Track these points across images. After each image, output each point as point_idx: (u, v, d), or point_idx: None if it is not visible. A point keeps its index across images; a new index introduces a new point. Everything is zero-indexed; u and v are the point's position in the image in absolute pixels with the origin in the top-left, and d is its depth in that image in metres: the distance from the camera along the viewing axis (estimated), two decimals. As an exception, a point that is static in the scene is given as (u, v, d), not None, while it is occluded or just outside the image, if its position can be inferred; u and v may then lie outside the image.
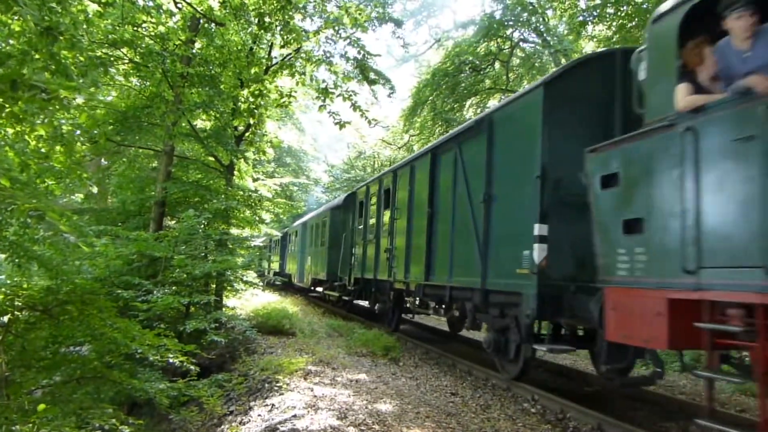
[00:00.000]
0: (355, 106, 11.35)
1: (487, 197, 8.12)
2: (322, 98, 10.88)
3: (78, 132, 9.19)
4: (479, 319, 9.13)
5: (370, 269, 14.01)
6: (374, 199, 14.55)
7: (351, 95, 11.38)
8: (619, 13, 15.65)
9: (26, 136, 5.64)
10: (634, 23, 15.00)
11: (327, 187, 45.67)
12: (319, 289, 22.77)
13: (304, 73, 11.26)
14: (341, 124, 11.21)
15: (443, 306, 10.42)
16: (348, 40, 11.74)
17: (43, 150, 6.19)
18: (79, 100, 5.66)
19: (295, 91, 12.57)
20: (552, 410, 6.82)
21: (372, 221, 14.58)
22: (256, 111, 12.99)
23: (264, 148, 15.06)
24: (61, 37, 4.75)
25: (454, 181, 9.33)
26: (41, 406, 5.14)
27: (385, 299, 13.84)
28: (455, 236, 9.18)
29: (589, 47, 20.19)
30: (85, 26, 7.02)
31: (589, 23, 17.12)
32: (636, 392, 7.84)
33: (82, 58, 5.79)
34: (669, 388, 8.67)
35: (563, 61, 18.52)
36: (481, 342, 9.50)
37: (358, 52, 12.09)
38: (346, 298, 17.79)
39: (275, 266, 37.41)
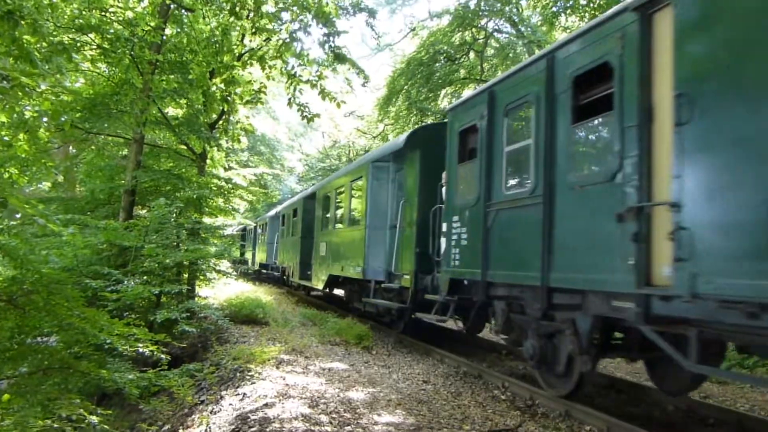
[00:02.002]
0: (323, 93, 11.01)
1: None
2: (292, 88, 10.67)
3: (45, 119, 9.03)
4: None
5: (525, 262, 6.59)
6: (530, 109, 6.78)
7: (319, 78, 11.01)
8: (591, 4, 15.77)
9: (-12, 123, 5.50)
10: (606, 15, 15.12)
11: (301, 176, 45.43)
12: (319, 289, 16.58)
13: (274, 65, 11.09)
14: (310, 118, 10.93)
15: None
16: (321, 24, 11.40)
17: (6, 138, 6.04)
18: (43, 86, 5.53)
19: (266, 87, 12.41)
20: (521, 397, 6.93)
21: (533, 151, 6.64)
22: (229, 98, 12.87)
23: (237, 136, 14.89)
24: (23, 22, 4.63)
25: None
26: (5, 397, 5.08)
27: (579, 331, 6.08)
28: None
29: (562, 37, 20.36)
30: (49, 11, 6.85)
31: (562, 14, 17.25)
32: (604, 380, 7.99)
33: (45, 44, 5.65)
34: (636, 375, 8.86)
35: (536, 51, 18.63)
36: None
37: (328, 33, 11.33)
38: (432, 318, 9.17)
39: (262, 257, 29.55)
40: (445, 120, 9.45)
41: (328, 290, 16.52)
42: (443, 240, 8.77)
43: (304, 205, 19.38)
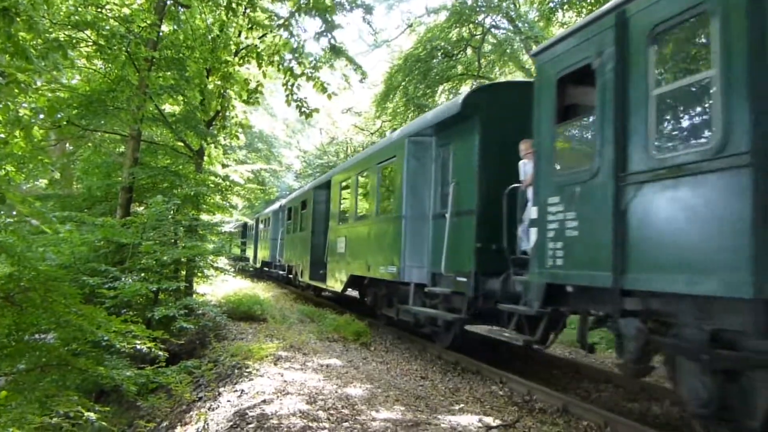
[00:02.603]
0: (318, 85, 10.76)
1: None
2: (289, 85, 10.55)
3: (42, 116, 9.01)
4: None
5: (707, 260, 4.33)
6: None
7: (314, 70, 10.83)
8: (588, 0, 15.74)
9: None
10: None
11: (299, 173, 45.41)
12: (335, 291, 14.58)
13: (272, 63, 10.99)
14: (308, 114, 10.74)
15: None
16: (318, 16, 11.21)
17: (2, 135, 6.03)
18: (39, 83, 5.51)
19: (262, 86, 12.34)
20: (519, 392, 6.94)
21: None
22: (225, 94, 12.84)
23: (235, 133, 14.85)
24: (18, 19, 4.61)
25: None
26: (3, 394, 5.07)
27: None
28: None
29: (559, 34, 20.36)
30: (45, 7, 6.81)
31: (559, 10, 17.22)
32: (600, 374, 8.01)
33: (40, 41, 5.63)
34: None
35: (534, 47, 18.61)
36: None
37: (324, 25, 10.95)
38: (513, 336, 7.05)
39: (264, 254, 27.83)
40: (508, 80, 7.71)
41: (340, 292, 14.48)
42: (532, 231, 6.52)
43: (315, 196, 17.07)
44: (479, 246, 8.04)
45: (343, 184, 14.23)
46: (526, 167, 7.43)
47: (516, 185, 7.56)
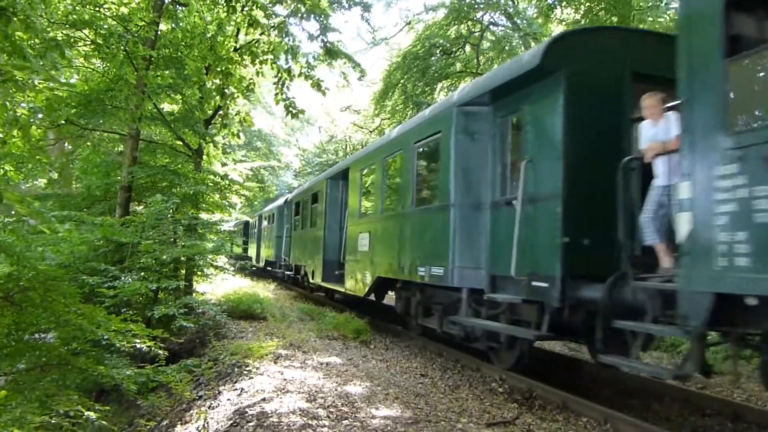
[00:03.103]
0: (314, 83, 10.72)
1: None
2: (280, 84, 10.53)
3: (40, 115, 9.00)
4: None
5: None
6: None
7: (309, 68, 10.84)
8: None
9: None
10: (601, 6, 15.15)
11: (298, 171, 45.45)
12: (356, 295, 12.73)
13: (266, 61, 10.96)
14: (295, 114, 10.71)
15: None
16: (315, 17, 11.20)
17: (0, 135, 6.03)
18: (36, 81, 5.51)
19: (254, 84, 12.33)
20: (519, 389, 6.93)
21: None
22: (226, 91, 12.83)
23: (235, 131, 14.85)
24: (15, 18, 4.60)
25: None
26: (3, 393, 5.07)
27: None
28: None
29: (558, 31, 20.39)
30: (42, 6, 6.81)
31: (558, 6, 17.24)
32: (600, 372, 8.00)
33: (38, 40, 5.63)
34: (633, 368, 8.85)
35: (533, 44, 18.61)
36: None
37: (321, 28, 10.85)
38: (658, 371, 5.92)
39: (268, 253, 26.12)
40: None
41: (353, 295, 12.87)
42: (682, 217, 4.64)
43: (329, 187, 15.12)
44: (567, 241, 6.17)
45: (366, 171, 12.32)
46: (653, 130, 5.67)
47: (634, 157, 5.73)
